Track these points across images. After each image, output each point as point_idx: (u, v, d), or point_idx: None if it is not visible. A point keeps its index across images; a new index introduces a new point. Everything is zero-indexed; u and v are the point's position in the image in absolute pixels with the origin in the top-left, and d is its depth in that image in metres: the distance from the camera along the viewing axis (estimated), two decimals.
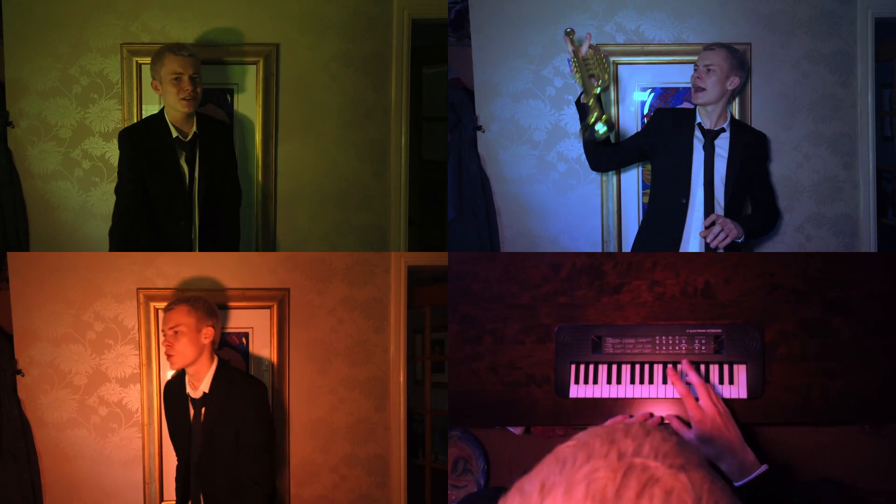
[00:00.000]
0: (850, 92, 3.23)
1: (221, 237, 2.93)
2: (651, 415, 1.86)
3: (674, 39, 3.20)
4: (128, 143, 2.79)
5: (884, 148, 3.62)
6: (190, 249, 2.82)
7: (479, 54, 3.27)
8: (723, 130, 2.84)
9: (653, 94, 3.24)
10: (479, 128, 3.30)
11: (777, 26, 3.17)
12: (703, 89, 2.78)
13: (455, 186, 3.24)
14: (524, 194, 3.33)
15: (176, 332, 2.42)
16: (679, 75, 3.23)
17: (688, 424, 1.80)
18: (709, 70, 2.78)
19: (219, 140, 2.94)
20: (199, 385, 2.46)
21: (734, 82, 2.82)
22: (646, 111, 3.25)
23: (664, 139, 2.88)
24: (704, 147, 2.82)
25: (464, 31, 3.34)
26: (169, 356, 2.44)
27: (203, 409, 2.45)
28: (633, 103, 3.26)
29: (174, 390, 2.56)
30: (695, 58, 3.20)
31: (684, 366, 1.87)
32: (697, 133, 2.85)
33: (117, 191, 2.82)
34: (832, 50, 3.19)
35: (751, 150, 2.88)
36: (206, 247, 2.85)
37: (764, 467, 1.64)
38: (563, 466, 0.72)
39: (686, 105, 3.14)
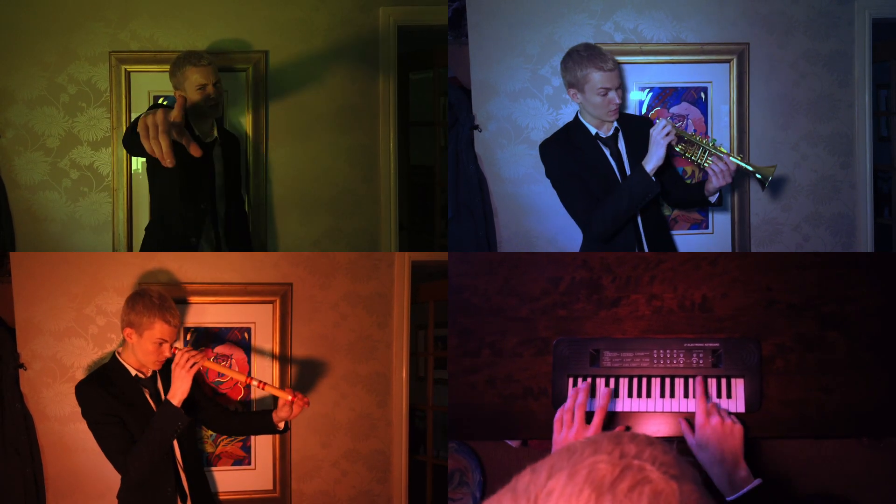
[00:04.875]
0: (848, 92, 3.23)
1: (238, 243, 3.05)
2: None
3: (672, 39, 3.19)
4: None
5: (880, 148, 3.63)
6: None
7: (476, 53, 3.25)
8: (618, 130, 2.80)
9: (651, 94, 3.23)
10: (477, 127, 3.29)
11: (775, 26, 3.16)
12: (618, 108, 2.73)
13: (453, 186, 3.24)
14: (522, 194, 3.33)
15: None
16: (677, 75, 3.22)
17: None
18: (617, 91, 2.68)
19: (233, 151, 3.01)
20: None
21: None
22: (644, 110, 3.24)
23: (581, 166, 2.76)
24: (613, 156, 2.79)
25: (461, 30, 3.32)
26: None
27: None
28: (632, 103, 3.25)
29: (107, 383, 2.33)
30: (694, 58, 3.21)
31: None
32: (601, 147, 2.79)
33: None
34: (830, 50, 3.19)
35: (641, 137, 2.79)
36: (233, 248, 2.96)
37: (757, 481, 1.65)
38: (571, 455, 0.81)
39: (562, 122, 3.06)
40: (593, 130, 2.79)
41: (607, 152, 2.79)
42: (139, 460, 2.23)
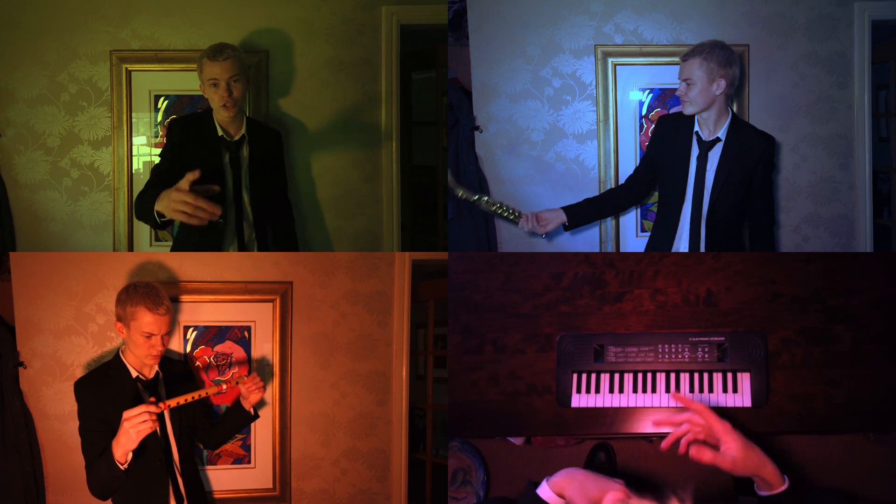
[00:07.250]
0: (847, 93, 3.24)
1: (277, 244, 2.96)
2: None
3: (672, 40, 3.20)
4: (175, 132, 2.73)
5: (879, 149, 3.64)
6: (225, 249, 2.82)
7: (477, 55, 3.26)
8: (718, 140, 2.74)
9: (651, 95, 3.24)
10: (477, 128, 3.29)
11: (775, 28, 3.17)
12: (689, 102, 2.68)
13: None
14: (522, 195, 3.33)
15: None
16: (677, 76, 3.22)
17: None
18: (689, 84, 2.66)
19: (267, 148, 2.89)
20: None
21: (720, 85, 2.64)
22: (644, 111, 3.25)
23: (665, 149, 2.81)
24: (698, 158, 2.77)
25: (462, 31, 3.33)
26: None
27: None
28: (632, 104, 3.26)
29: (105, 383, 2.30)
30: None
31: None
32: (694, 144, 2.77)
33: (154, 169, 2.77)
34: (829, 52, 3.20)
35: (746, 154, 2.74)
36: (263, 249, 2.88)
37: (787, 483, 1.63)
38: None
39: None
40: (695, 126, 2.77)
41: (696, 153, 2.75)
42: (93, 488, 2.19)
